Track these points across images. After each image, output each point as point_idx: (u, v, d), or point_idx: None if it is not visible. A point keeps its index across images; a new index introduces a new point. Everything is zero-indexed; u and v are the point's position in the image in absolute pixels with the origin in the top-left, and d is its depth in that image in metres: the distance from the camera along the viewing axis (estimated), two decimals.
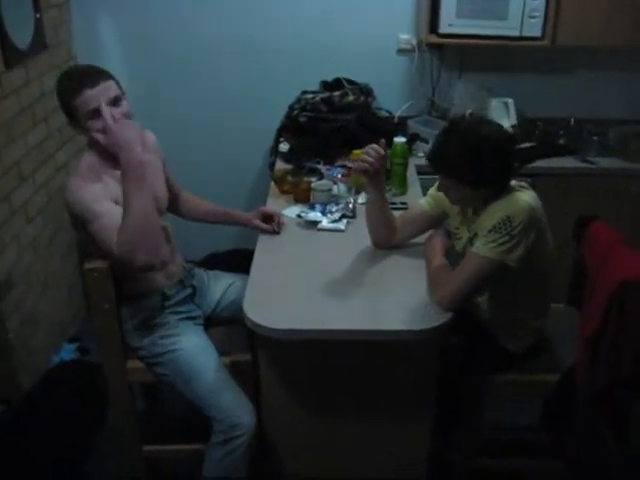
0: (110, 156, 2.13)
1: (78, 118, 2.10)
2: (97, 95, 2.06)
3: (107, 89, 2.09)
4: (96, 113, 2.07)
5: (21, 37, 2.87)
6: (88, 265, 2.15)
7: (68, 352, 3.22)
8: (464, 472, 2.43)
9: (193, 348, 2.24)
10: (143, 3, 3.47)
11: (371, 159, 2.15)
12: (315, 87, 3.53)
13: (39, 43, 3.06)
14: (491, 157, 2.00)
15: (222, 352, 2.29)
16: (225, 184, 3.76)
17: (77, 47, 3.52)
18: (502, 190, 2.05)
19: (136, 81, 3.16)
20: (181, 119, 3.56)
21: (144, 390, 2.71)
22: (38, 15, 3.02)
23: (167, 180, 2.43)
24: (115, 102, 2.10)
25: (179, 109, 3.55)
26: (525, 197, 2.05)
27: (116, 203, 2.10)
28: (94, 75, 2.09)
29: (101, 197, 2.09)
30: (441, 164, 2.07)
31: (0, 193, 2.74)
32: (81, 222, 2.10)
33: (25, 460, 2.53)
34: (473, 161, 1.99)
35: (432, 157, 2.09)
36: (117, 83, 2.15)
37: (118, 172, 2.15)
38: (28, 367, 2.94)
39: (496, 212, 2.01)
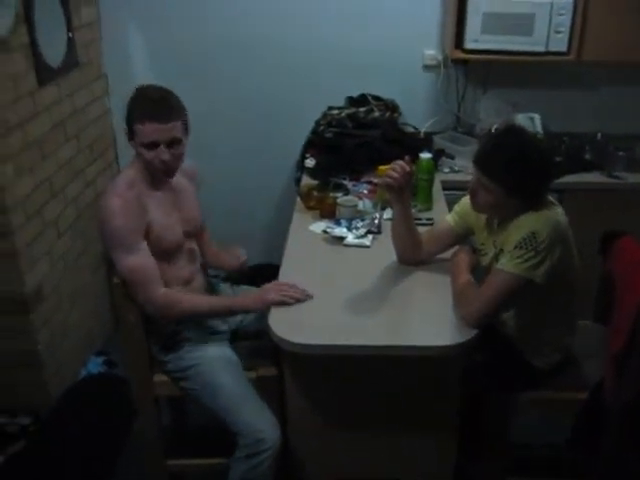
0: (150, 178, 2.21)
1: (134, 138, 2.15)
2: (159, 131, 2.10)
3: (171, 130, 2.12)
4: (152, 146, 2.12)
5: (54, 56, 2.93)
6: (116, 280, 2.18)
7: (95, 365, 3.25)
8: None
9: (218, 363, 2.26)
10: (171, 19, 3.52)
11: (396, 175, 2.16)
12: (341, 103, 3.56)
13: (71, 61, 3.12)
14: (539, 172, 2.03)
15: (248, 367, 2.30)
16: (251, 200, 3.79)
17: (107, 64, 3.58)
18: (532, 204, 2.05)
19: None
20: (207, 132, 3.57)
21: (170, 404, 2.73)
22: (70, 34, 3.09)
23: None
24: (173, 142, 2.14)
25: (206, 123, 3.56)
26: (550, 213, 2.05)
27: (149, 226, 2.17)
28: (166, 110, 2.11)
29: (139, 229, 2.15)
30: (489, 165, 2.04)
31: (32, 208, 2.79)
32: (110, 242, 2.16)
33: (52, 473, 2.55)
34: (523, 171, 2.00)
35: (482, 155, 2.07)
36: (185, 121, 2.18)
37: (157, 193, 2.24)
38: (57, 379, 2.97)
39: (522, 228, 2.00)
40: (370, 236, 2.56)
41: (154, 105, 2.12)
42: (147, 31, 3.57)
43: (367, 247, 2.51)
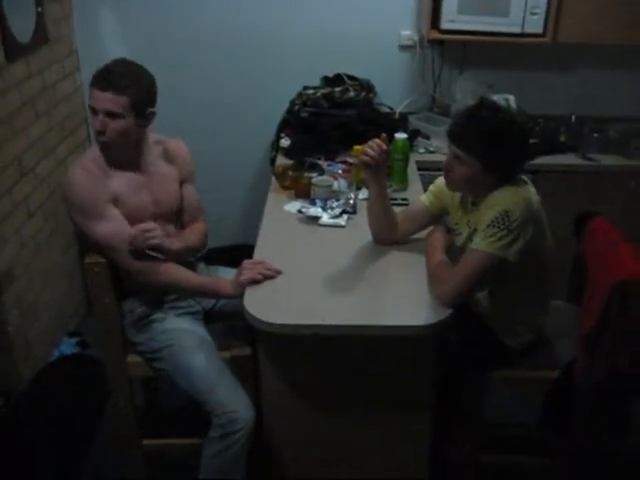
0: (117, 155, 2.19)
1: None
2: (98, 99, 2.10)
3: (107, 100, 2.09)
4: (92, 111, 2.12)
5: (22, 31, 2.87)
6: (89, 259, 2.16)
7: (68, 346, 3.23)
8: (464, 468, 2.43)
9: (191, 343, 2.25)
10: None
11: (373, 152, 2.15)
12: (316, 82, 3.53)
13: (40, 37, 3.06)
14: (514, 144, 2.02)
15: (222, 347, 2.30)
16: (227, 180, 3.76)
17: (78, 41, 3.52)
18: (506, 181, 2.06)
19: None
20: (181, 113, 3.54)
21: (143, 384, 2.71)
22: (40, 9, 3.02)
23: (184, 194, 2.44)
24: (112, 116, 2.11)
25: (180, 103, 3.54)
26: (523, 191, 2.06)
27: (116, 200, 2.18)
28: (109, 80, 2.09)
29: (105, 197, 2.15)
30: (463, 136, 2.03)
31: (1, 187, 2.74)
32: (78, 213, 2.15)
33: (24, 454, 2.53)
34: (498, 142, 1.99)
35: (456, 128, 2.06)
36: (135, 100, 2.11)
37: (124, 172, 2.23)
38: (28, 361, 2.94)
39: (494, 206, 2.01)
40: (345, 216, 2.55)
41: (102, 73, 2.11)
42: (119, 7, 3.51)
43: (342, 227, 2.51)
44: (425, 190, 2.44)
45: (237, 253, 2.51)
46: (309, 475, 2.34)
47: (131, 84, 2.11)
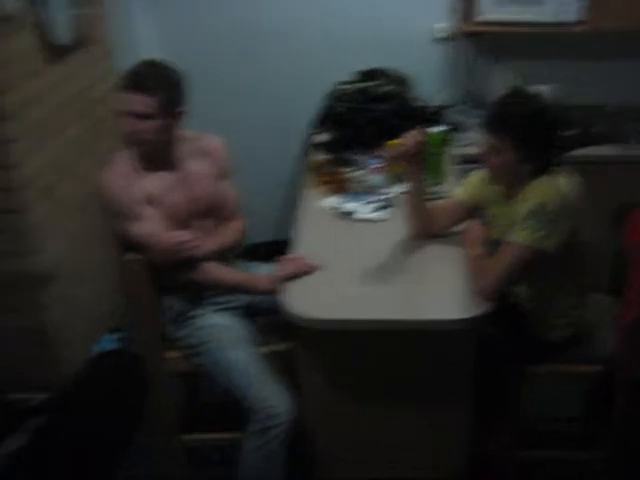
0: (151, 155, 2.21)
1: None
2: (127, 101, 2.13)
3: (138, 103, 2.11)
4: (123, 114, 2.14)
5: (61, 33, 2.91)
6: (128, 257, 2.19)
7: (108, 342, 3.27)
8: (504, 463, 2.42)
9: (230, 339, 2.27)
10: None
11: (409, 143, 2.15)
12: (351, 77, 3.53)
13: (77, 39, 3.10)
14: (548, 132, 2.03)
15: (261, 342, 2.31)
16: (261, 176, 3.77)
17: (113, 42, 3.55)
18: (542, 172, 2.03)
19: None
20: (216, 108, 3.55)
21: (183, 379, 2.74)
22: (77, 12, 3.06)
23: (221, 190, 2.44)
24: (142, 117, 2.13)
25: (214, 98, 3.56)
26: (559, 183, 2.04)
27: (149, 202, 2.22)
28: (137, 82, 2.12)
29: (139, 198, 2.20)
30: (499, 125, 2.04)
31: (44, 186, 2.78)
32: (115, 216, 2.23)
33: (66, 449, 2.57)
34: (532, 129, 2.00)
35: (490, 117, 2.07)
36: (164, 100, 2.13)
37: (158, 171, 2.27)
38: (69, 357, 2.98)
39: (531, 198, 2.00)
40: (381, 211, 2.55)
41: (130, 75, 2.15)
42: (154, 7, 3.55)
43: (378, 222, 2.51)
44: (460, 184, 2.42)
45: (273, 249, 2.52)
46: (351, 475, 2.34)
47: (160, 85, 2.13)
